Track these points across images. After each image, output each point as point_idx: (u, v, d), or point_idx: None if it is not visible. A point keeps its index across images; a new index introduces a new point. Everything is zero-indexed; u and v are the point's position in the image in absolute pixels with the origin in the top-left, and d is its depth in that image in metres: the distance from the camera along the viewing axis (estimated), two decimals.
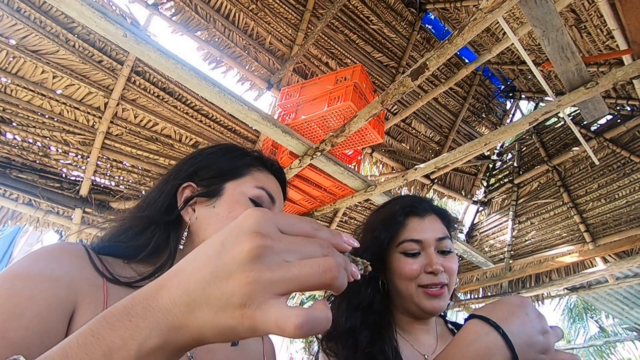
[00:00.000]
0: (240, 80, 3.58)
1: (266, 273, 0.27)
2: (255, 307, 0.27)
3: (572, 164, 4.44)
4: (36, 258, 0.52)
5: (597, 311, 11.26)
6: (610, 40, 3.19)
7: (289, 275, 0.28)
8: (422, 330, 0.90)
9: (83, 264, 0.55)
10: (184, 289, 0.29)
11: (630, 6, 1.76)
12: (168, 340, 0.29)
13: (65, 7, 1.58)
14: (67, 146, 2.92)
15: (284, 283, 0.27)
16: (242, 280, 0.27)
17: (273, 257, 0.28)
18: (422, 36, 4.47)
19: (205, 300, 0.28)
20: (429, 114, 4.71)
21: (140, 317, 0.29)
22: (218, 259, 0.29)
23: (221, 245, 0.29)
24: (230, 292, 0.27)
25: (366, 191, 2.73)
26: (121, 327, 0.28)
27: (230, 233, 0.30)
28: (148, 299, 0.29)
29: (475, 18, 1.38)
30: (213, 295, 0.28)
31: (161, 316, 0.29)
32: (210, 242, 0.31)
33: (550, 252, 4.26)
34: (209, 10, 3.26)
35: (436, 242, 0.87)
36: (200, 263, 0.30)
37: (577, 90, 1.79)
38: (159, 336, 0.28)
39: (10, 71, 2.59)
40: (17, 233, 5.48)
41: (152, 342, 0.28)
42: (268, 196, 0.70)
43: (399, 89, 1.78)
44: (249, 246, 0.28)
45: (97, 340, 0.28)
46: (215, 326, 0.28)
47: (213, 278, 0.28)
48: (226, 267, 0.28)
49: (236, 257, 0.28)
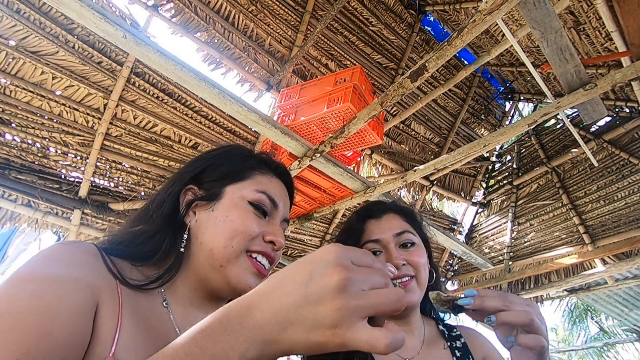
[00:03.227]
0: (240, 81, 3.59)
1: (352, 301, 0.34)
2: (346, 329, 0.33)
3: (571, 166, 4.44)
4: (57, 258, 0.51)
5: (597, 312, 11.26)
6: (608, 42, 3.20)
7: (370, 303, 0.34)
8: (404, 331, 0.88)
9: (99, 264, 0.55)
10: (276, 310, 0.35)
11: (628, 8, 1.76)
12: (263, 352, 0.35)
13: (64, 8, 1.58)
14: (66, 147, 2.92)
15: (366, 309, 0.34)
16: (333, 306, 0.33)
17: (354, 287, 0.35)
18: (422, 38, 4.48)
19: (297, 320, 0.34)
20: (428, 115, 4.71)
21: (238, 333, 0.35)
22: (307, 286, 0.35)
23: (309, 275, 0.36)
24: (322, 315, 0.33)
25: (365, 192, 2.73)
26: (222, 340, 0.35)
27: (317, 265, 0.36)
28: (241, 317, 0.36)
29: (474, 20, 1.39)
30: (305, 316, 0.34)
31: (257, 332, 0.35)
32: (297, 271, 0.37)
33: (549, 254, 4.26)
34: (209, 12, 3.26)
35: (395, 237, 0.88)
36: (291, 289, 0.36)
37: (576, 92, 1.80)
38: (255, 349, 0.34)
39: (10, 72, 2.59)
40: (12, 232, 5.46)
41: (250, 354, 0.34)
42: (270, 200, 0.70)
43: (398, 91, 1.78)
44: (337, 278, 0.34)
45: (202, 350, 0.34)
46: (307, 342, 0.34)
47: (305, 302, 0.34)
48: (317, 294, 0.34)
49: (327, 286, 0.34)
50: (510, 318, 0.58)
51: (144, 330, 0.54)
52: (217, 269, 0.63)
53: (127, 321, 0.52)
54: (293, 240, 4.20)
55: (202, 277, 0.65)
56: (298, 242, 4.25)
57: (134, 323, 0.53)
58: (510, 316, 0.58)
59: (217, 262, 0.63)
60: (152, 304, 0.60)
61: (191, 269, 0.66)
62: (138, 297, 0.58)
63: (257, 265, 0.65)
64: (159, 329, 0.57)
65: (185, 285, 0.65)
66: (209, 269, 0.64)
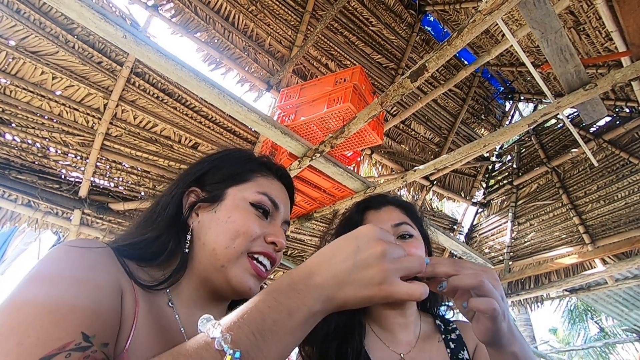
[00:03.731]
0: (240, 81, 3.59)
1: (392, 265, 0.47)
2: (389, 284, 0.46)
3: (571, 166, 4.44)
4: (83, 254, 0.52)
5: (597, 312, 11.26)
6: (608, 42, 3.20)
7: (403, 266, 0.48)
8: (399, 324, 0.89)
9: (117, 263, 0.58)
10: (332, 274, 0.46)
11: (628, 8, 1.76)
12: (324, 306, 0.46)
13: (64, 8, 1.57)
14: (66, 147, 2.92)
15: (401, 270, 0.48)
16: (379, 269, 0.46)
17: (391, 255, 0.48)
18: (422, 38, 4.48)
19: (350, 281, 0.46)
20: (428, 115, 4.71)
21: (304, 292, 0.45)
22: (357, 255, 0.47)
23: (357, 247, 0.48)
24: (371, 276, 0.46)
25: (365, 192, 2.73)
26: (294, 296, 0.44)
27: (362, 239, 0.49)
28: (305, 280, 0.46)
29: (474, 20, 1.39)
30: (357, 278, 0.46)
31: (319, 291, 0.45)
32: (346, 244, 0.49)
33: (549, 254, 4.26)
34: (209, 12, 3.26)
35: (393, 228, 0.89)
36: (343, 257, 0.47)
37: (576, 92, 1.80)
38: (318, 304, 0.45)
39: (10, 72, 2.59)
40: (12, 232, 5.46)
41: (316, 307, 0.45)
42: (271, 202, 0.71)
43: (398, 91, 1.78)
44: (380, 249, 0.47)
45: (280, 304, 0.44)
46: (358, 297, 0.46)
47: (355, 267, 0.46)
48: (365, 260, 0.46)
49: (372, 255, 0.47)
50: (460, 282, 0.56)
51: (155, 329, 0.55)
52: (219, 269, 0.64)
53: (141, 319, 0.54)
54: (293, 240, 4.20)
55: (205, 277, 0.66)
56: (298, 242, 4.25)
57: (147, 322, 0.55)
58: (459, 280, 0.56)
59: (218, 263, 0.64)
60: (160, 304, 0.61)
61: (194, 269, 0.67)
62: (149, 296, 0.59)
63: (256, 267, 0.66)
64: (167, 328, 0.59)
65: (189, 286, 0.66)
66: (211, 269, 0.65)
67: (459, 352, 0.86)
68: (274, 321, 0.42)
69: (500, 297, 0.56)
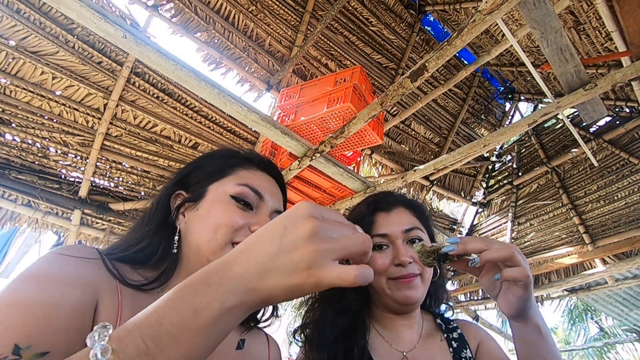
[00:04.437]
0: (240, 81, 3.59)
1: (323, 245, 0.38)
2: (319, 268, 0.37)
3: (571, 166, 4.44)
4: (58, 259, 0.54)
5: (597, 312, 11.26)
6: (608, 42, 3.20)
7: (339, 246, 0.39)
8: (403, 325, 0.89)
9: (99, 265, 0.59)
10: (254, 262, 0.39)
11: (628, 8, 1.76)
12: (243, 300, 0.38)
13: (64, 8, 1.58)
14: (66, 147, 2.92)
15: (336, 251, 0.39)
16: (307, 250, 0.38)
17: (325, 233, 0.39)
18: (422, 38, 4.48)
19: (274, 268, 0.38)
20: (428, 115, 4.71)
21: (218, 285, 0.38)
22: (282, 237, 0.39)
23: (283, 228, 0.40)
24: (298, 259, 0.38)
25: (365, 192, 2.73)
26: (203, 292, 0.38)
27: (289, 218, 0.41)
28: (222, 272, 0.39)
29: (474, 20, 1.39)
30: (282, 263, 0.38)
31: (236, 282, 0.38)
32: (272, 227, 0.41)
33: (549, 254, 4.26)
34: (209, 12, 3.26)
35: (403, 234, 0.87)
36: (267, 241, 0.40)
37: (576, 92, 1.80)
38: (235, 297, 0.38)
39: (10, 72, 2.59)
40: (13, 233, 5.46)
41: (230, 302, 0.38)
42: (253, 192, 0.70)
43: (398, 91, 1.78)
44: (310, 226, 0.39)
45: (185, 302, 0.37)
46: (285, 286, 0.38)
47: (280, 251, 0.39)
48: (291, 242, 0.39)
49: (300, 235, 0.39)
50: (492, 254, 0.60)
51: None
52: (205, 264, 0.64)
53: (126, 318, 0.54)
54: None
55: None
56: None
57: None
58: (492, 253, 0.60)
59: (203, 257, 0.65)
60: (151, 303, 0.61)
61: (184, 268, 0.68)
62: (139, 296, 0.60)
63: None
64: None
65: None
66: (198, 265, 0.65)
67: (462, 351, 0.86)
68: (174, 323, 0.36)
69: (528, 267, 0.61)
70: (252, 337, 0.76)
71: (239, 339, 0.72)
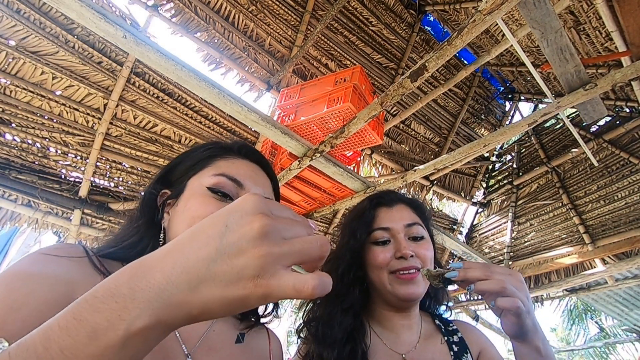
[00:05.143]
0: (240, 81, 3.59)
1: (275, 248, 0.31)
2: (269, 277, 0.30)
3: (571, 166, 4.44)
4: (35, 258, 0.54)
5: (597, 312, 11.26)
6: (608, 42, 3.20)
7: (294, 249, 0.32)
8: (403, 325, 0.89)
9: (82, 262, 0.57)
10: (181, 269, 0.30)
11: (628, 8, 1.76)
12: (161, 318, 0.29)
13: (64, 8, 1.57)
14: (66, 147, 2.92)
15: (291, 255, 0.32)
16: (255, 254, 0.30)
17: (277, 234, 0.32)
18: (422, 38, 4.48)
19: (210, 276, 0.30)
20: (428, 115, 4.71)
21: (127, 298, 0.29)
22: (223, 238, 0.31)
23: (224, 226, 0.32)
24: (242, 265, 0.30)
25: (365, 192, 2.73)
26: (106, 309, 0.29)
27: (232, 214, 0.33)
28: (134, 280, 0.30)
29: (474, 20, 1.39)
30: (221, 270, 0.30)
31: (153, 295, 0.29)
32: (210, 223, 0.33)
33: (549, 254, 4.26)
34: (209, 12, 3.26)
35: (405, 228, 0.88)
36: (201, 243, 0.32)
37: (576, 92, 1.80)
38: (150, 315, 0.29)
39: (10, 72, 2.59)
40: (14, 233, 5.46)
41: (142, 322, 0.29)
42: (231, 181, 0.68)
43: (398, 91, 1.78)
44: (258, 225, 0.31)
45: (79, 322, 0.28)
46: (224, 298, 0.30)
47: (219, 256, 0.31)
48: (234, 244, 0.31)
49: (246, 235, 0.31)
50: (485, 286, 0.64)
51: None
52: None
53: None
54: None
55: None
56: None
57: None
58: (485, 285, 0.64)
59: None
60: None
61: None
62: None
63: None
64: None
65: None
66: None
67: (462, 356, 0.85)
68: (62, 349, 0.28)
69: (525, 297, 0.63)
70: (253, 331, 0.75)
71: (237, 333, 0.71)
